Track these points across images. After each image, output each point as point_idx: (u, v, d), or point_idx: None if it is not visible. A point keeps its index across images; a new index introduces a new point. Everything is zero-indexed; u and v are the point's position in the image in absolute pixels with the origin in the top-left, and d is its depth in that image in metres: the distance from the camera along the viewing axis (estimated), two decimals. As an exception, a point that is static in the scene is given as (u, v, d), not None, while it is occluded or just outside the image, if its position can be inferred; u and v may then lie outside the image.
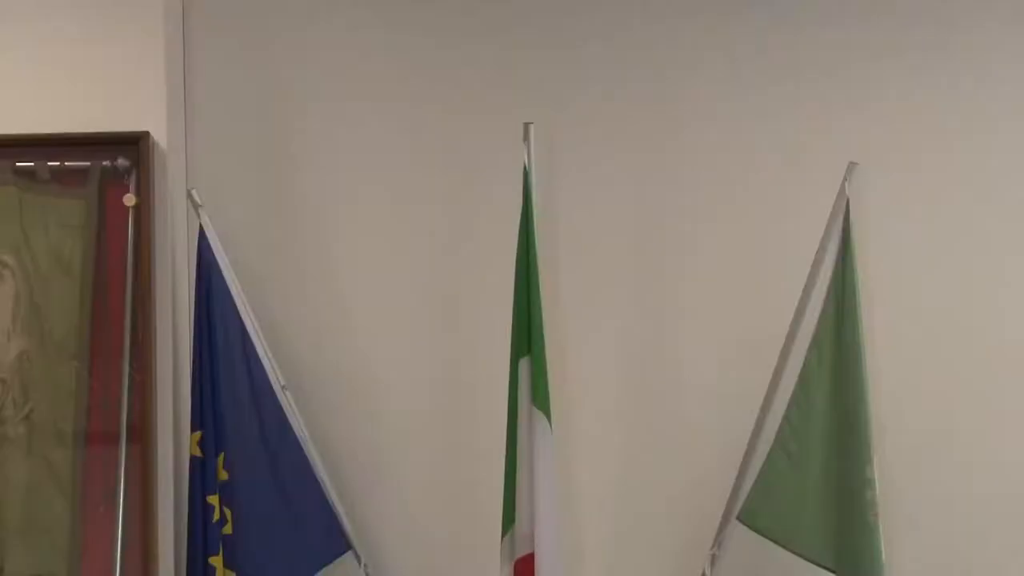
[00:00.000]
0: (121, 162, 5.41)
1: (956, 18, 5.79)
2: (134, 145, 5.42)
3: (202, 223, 5.27)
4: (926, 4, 5.81)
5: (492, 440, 5.19)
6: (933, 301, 5.56)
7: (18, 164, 5.39)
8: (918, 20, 5.78)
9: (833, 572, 5.09)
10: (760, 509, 5.11)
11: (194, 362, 5.33)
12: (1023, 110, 5.78)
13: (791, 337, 5.13)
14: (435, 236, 5.72)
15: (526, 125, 5.22)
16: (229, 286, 5.38)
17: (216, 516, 5.23)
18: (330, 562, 5.39)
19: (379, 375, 5.60)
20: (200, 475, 5.24)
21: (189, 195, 5.32)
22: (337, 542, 5.38)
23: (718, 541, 5.22)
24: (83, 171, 5.44)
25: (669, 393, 5.60)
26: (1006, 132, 5.72)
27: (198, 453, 5.23)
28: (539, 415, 5.09)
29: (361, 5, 5.96)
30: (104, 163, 5.43)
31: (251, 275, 5.56)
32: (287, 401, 5.38)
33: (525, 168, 5.25)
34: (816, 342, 5.09)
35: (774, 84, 5.71)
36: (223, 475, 5.26)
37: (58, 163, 5.41)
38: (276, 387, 5.38)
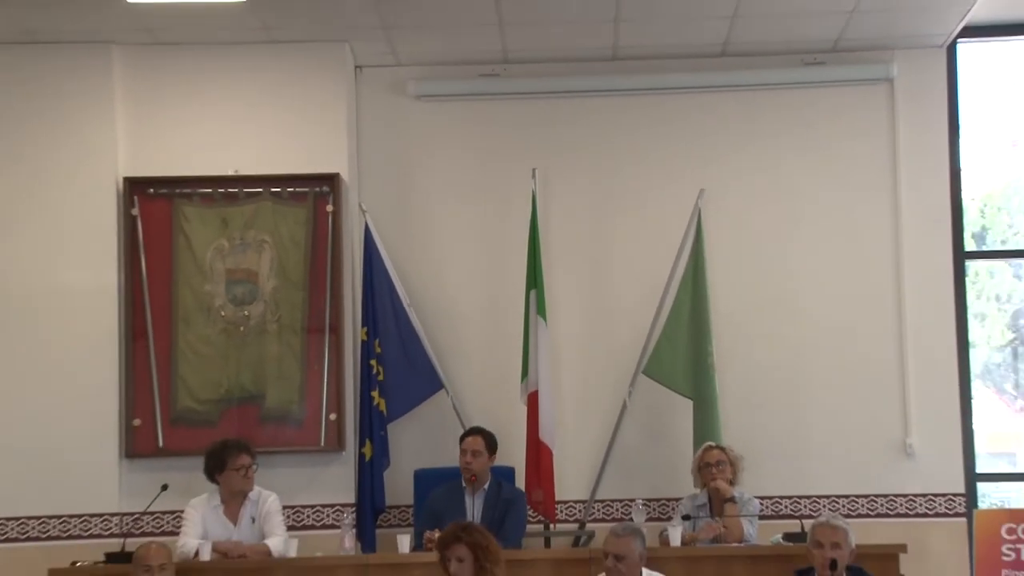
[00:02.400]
0: (324, 188, 6.95)
1: (764, 103, 7.42)
2: (331, 179, 6.94)
3: (367, 220, 7.01)
4: (745, 99, 7.43)
5: (516, 331, 6.94)
6: (748, 261, 7.31)
7: (272, 190, 6.90)
8: (740, 104, 7.43)
9: (691, 399, 6.79)
10: (654, 366, 6.90)
11: (363, 292, 6.97)
12: (809, 151, 7.40)
13: (670, 281, 6.99)
14: (485, 232, 7.46)
15: (533, 169, 7.06)
16: (381, 253, 7.08)
17: (375, 371, 6.83)
18: (433, 393, 7.07)
19: (458, 301, 7.36)
20: (365, 350, 6.90)
21: (360, 206, 7.02)
22: (436, 383, 7.03)
23: (633, 382, 6.96)
24: (305, 193, 6.95)
25: (607, 309, 7.37)
26: (795, 169, 7.37)
27: (365, 338, 6.93)
28: (541, 319, 6.82)
29: (450, 110, 7.52)
30: (316, 189, 6.96)
31: (392, 248, 7.31)
32: (411, 313, 7.02)
33: (533, 194, 7.03)
34: (683, 283, 6.89)
35: (667, 147, 7.40)
36: (378, 349, 6.94)
37: (292, 189, 6.93)
38: (405, 304, 7.08)
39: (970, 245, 7.68)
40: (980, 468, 7.58)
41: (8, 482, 6.88)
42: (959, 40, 7.48)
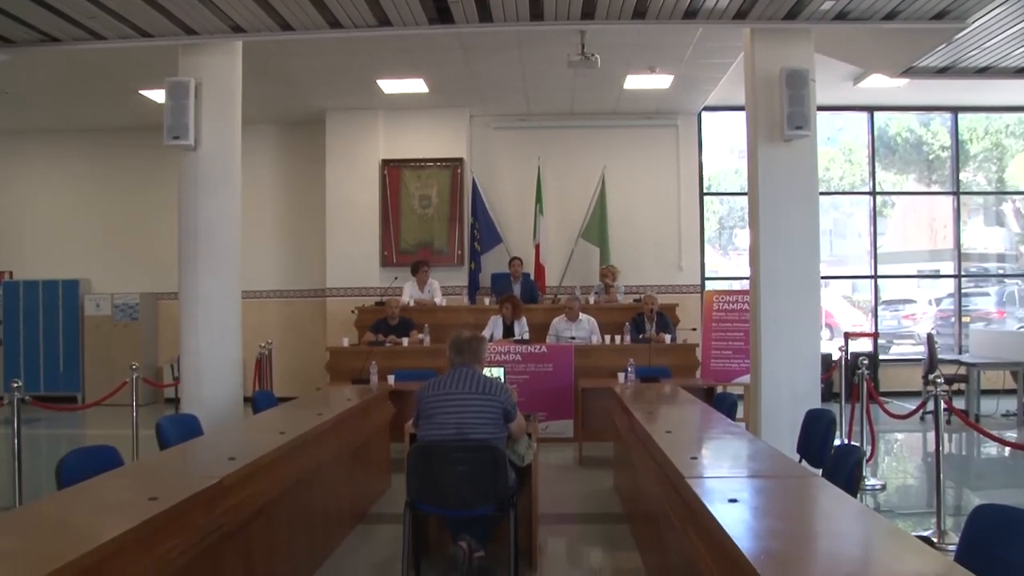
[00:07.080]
0: (457, 163, 10.79)
1: (630, 134, 10.89)
2: (460, 161, 10.82)
3: (474, 177, 11.07)
4: (623, 131, 10.83)
5: (531, 220, 10.70)
6: (623, 193, 10.88)
7: (437, 164, 10.72)
8: (622, 135, 10.92)
9: (599, 247, 10.60)
10: (586, 234, 10.84)
11: (472, 205, 10.85)
12: (646, 155, 10.91)
13: (591, 200, 10.83)
14: (519, 183, 10.92)
15: (538, 157, 10.88)
16: (480, 190, 10.85)
17: (476, 234, 10.88)
18: (498, 244, 10.83)
19: (508, 208, 10.99)
20: (472, 227, 10.89)
21: (471, 171, 10.90)
22: (499, 239, 10.92)
23: (576, 240, 10.81)
24: (450, 165, 10.81)
25: (567, 211, 11.01)
26: (640, 160, 11.01)
27: (472, 221, 10.91)
28: (540, 215, 10.74)
29: (506, 134, 10.75)
30: (454, 163, 10.80)
31: (484, 187, 10.85)
32: (491, 212, 10.86)
33: (538, 168, 10.81)
34: (596, 203, 10.72)
35: (592, 151, 10.92)
36: (477, 226, 10.90)
37: (444, 164, 10.81)
38: (488, 209, 10.83)
39: (706, 191, 11.26)
40: (707, 275, 11.31)
41: (341, 273, 10.74)
42: (703, 111, 11.06)
